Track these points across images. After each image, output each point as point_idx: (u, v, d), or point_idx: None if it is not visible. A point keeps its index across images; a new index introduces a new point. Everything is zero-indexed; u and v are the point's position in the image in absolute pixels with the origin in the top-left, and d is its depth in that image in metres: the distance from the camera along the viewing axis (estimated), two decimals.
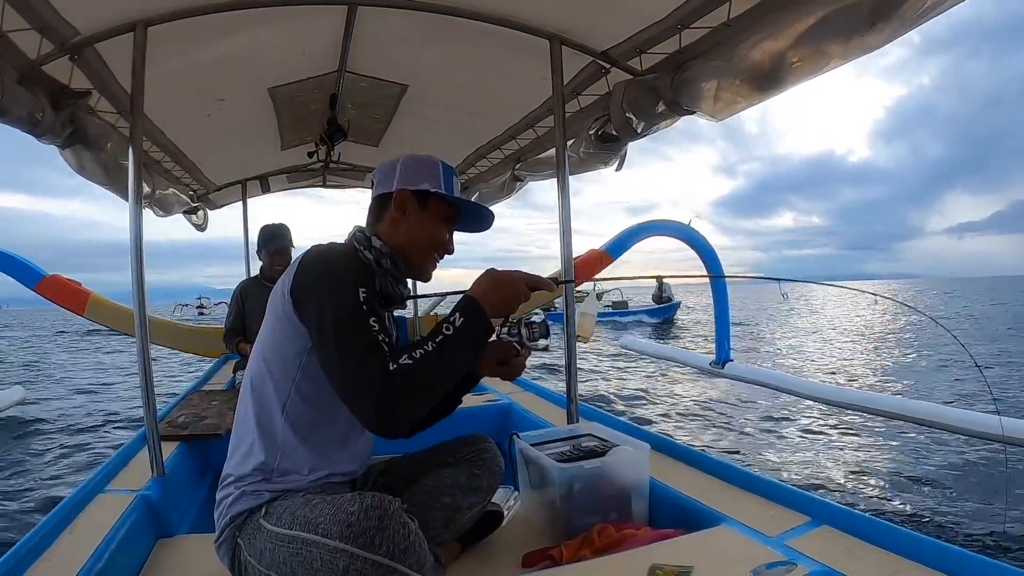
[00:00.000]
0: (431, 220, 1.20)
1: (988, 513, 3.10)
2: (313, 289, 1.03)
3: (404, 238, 1.18)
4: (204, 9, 1.73)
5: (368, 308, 0.99)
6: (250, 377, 1.13)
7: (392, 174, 1.19)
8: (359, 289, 1.00)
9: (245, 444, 1.10)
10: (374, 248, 1.16)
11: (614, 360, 9.68)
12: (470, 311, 1.02)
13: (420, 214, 1.19)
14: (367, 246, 1.16)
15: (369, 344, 0.95)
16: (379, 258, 1.16)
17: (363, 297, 0.99)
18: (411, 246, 1.19)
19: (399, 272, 1.20)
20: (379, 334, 0.97)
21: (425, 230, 1.19)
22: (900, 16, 1.27)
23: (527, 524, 1.55)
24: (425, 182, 1.18)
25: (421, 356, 0.95)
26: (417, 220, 1.18)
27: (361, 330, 0.96)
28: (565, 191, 2.05)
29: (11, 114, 1.63)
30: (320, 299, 1.01)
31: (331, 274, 1.04)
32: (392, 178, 1.19)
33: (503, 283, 1.08)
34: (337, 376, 0.97)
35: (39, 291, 4.21)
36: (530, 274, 1.11)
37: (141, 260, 1.62)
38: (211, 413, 2.27)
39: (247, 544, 1.04)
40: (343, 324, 0.97)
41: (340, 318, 0.98)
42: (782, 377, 4.80)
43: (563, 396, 2.16)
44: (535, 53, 2.02)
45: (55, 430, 5.59)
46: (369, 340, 0.95)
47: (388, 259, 1.17)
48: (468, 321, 1.01)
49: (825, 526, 1.23)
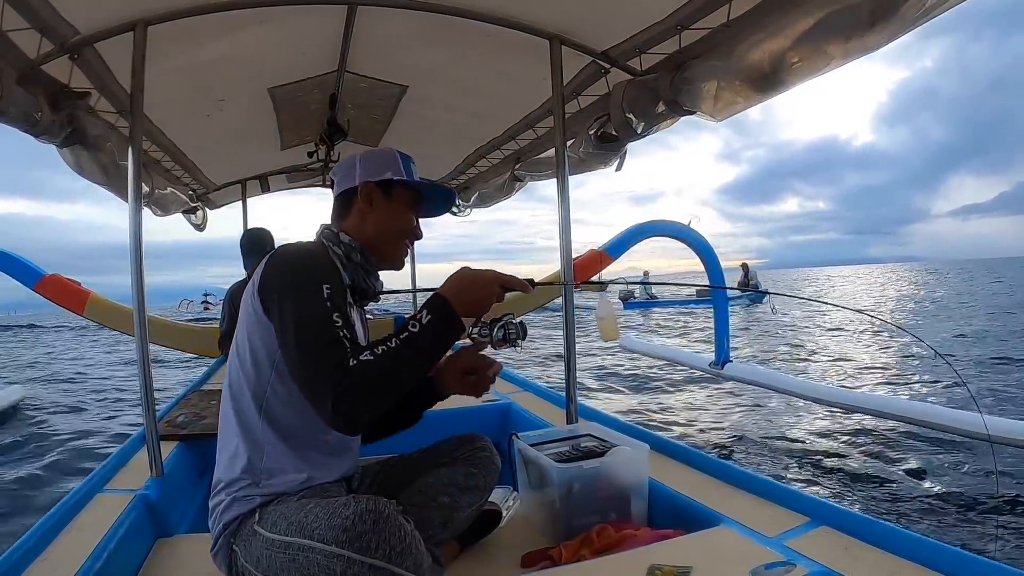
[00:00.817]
0: (398, 208, 1.22)
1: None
2: (278, 287, 1.04)
3: (374, 229, 1.20)
4: (204, 9, 1.73)
5: (332, 305, 0.99)
6: (228, 378, 1.13)
7: (353, 170, 1.21)
8: (323, 285, 1.00)
9: (230, 447, 1.10)
10: (343, 244, 1.17)
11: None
12: (438, 309, 1.01)
13: (386, 204, 1.20)
14: (335, 242, 1.17)
15: (330, 340, 0.95)
16: (349, 253, 1.17)
17: (327, 293, 0.99)
18: (382, 236, 1.21)
19: (370, 265, 1.21)
20: (341, 330, 0.96)
21: (394, 218, 1.21)
22: (900, 16, 1.27)
23: (526, 524, 1.54)
24: (387, 171, 1.20)
25: (383, 352, 0.95)
26: (384, 210, 1.20)
27: (323, 327, 0.96)
28: (565, 191, 2.05)
29: (8, 114, 1.63)
30: (284, 296, 1.02)
31: (295, 271, 1.04)
32: (353, 173, 1.21)
33: (476, 282, 1.06)
34: (299, 372, 0.98)
35: (39, 291, 4.21)
36: (505, 274, 1.10)
37: (141, 260, 1.62)
38: (210, 413, 2.27)
39: (243, 551, 1.04)
40: (305, 321, 0.98)
41: (302, 315, 0.98)
42: (782, 378, 4.79)
43: (562, 396, 2.17)
44: (535, 53, 2.02)
45: (55, 430, 5.58)
46: (331, 336, 0.95)
47: (358, 253, 1.18)
48: (436, 319, 1.00)
49: (824, 526, 1.23)
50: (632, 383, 7.18)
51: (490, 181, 3.84)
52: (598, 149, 2.43)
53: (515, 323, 1.16)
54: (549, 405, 2.51)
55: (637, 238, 4.76)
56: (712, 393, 6.52)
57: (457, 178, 4.14)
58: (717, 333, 4.98)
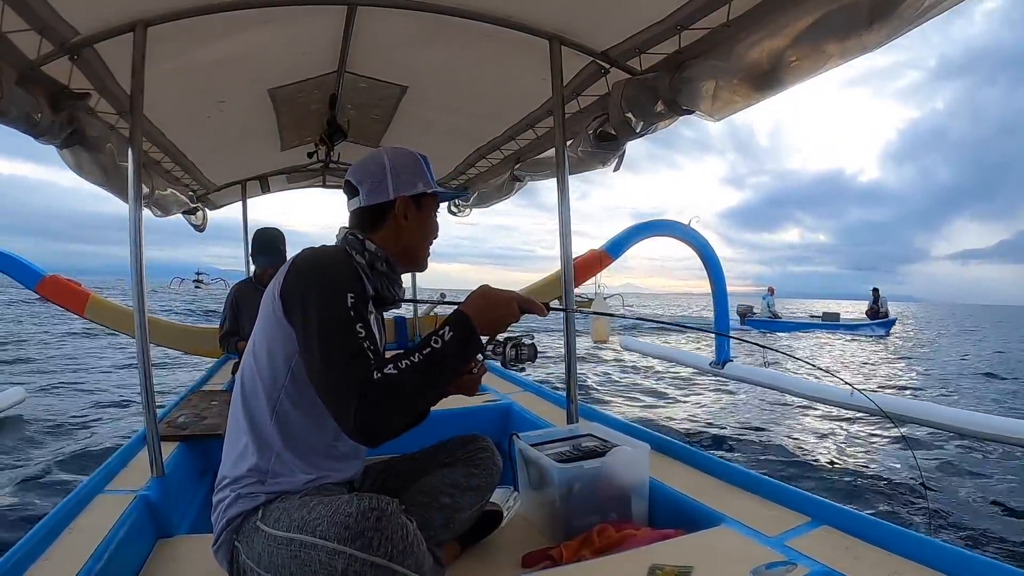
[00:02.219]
0: (427, 216, 1.23)
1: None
2: (301, 292, 1.04)
3: (409, 241, 1.20)
4: (204, 9, 1.73)
5: (355, 314, 0.99)
6: (241, 378, 1.13)
7: (384, 182, 1.18)
8: (347, 294, 1.00)
9: (239, 446, 1.10)
10: (368, 252, 1.16)
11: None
12: (460, 327, 1.02)
13: (419, 216, 1.21)
14: (360, 250, 1.16)
15: (355, 351, 0.95)
16: (374, 261, 1.16)
17: (351, 303, 1.00)
18: (416, 246, 1.22)
19: (395, 273, 1.21)
20: (365, 341, 0.97)
21: (426, 227, 1.23)
22: (899, 16, 1.27)
23: (527, 524, 1.55)
24: (419, 183, 1.20)
25: (407, 367, 0.95)
26: (417, 221, 1.21)
27: (347, 336, 0.96)
28: (565, 191, 2.05)
29: (9, 115, 1.63)
30: (307, 303, 1.01)
31: (320, 278, 1.04)
32: (385, 186, 1.18)
33: (498, 302, 1.08)
34: (321, 381, 0.98)
35: (39, 291, 4.20)
36: (523, 296, 1.11)
37: (141, 260, 1.62)
38: (211, 413, 2.27)
39: (245, 547, 1.04)
40: (329, 329, 0.98)
41: (326, 323, 0.98)
42: (782, 377, 4.79)
43: (563, 396, 2.17)
44: (535, 53, 2.02)
45: (55, 430, 5.58)
46: (355, 347, 0.96)
47: (383, 262, 1.17)
48: (457, 336, 1.00)
49: (825, 526, 1.24)
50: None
51: (490, 181, 3.84)
52: (597, 148, 2.43)
53: (527, 344, 1.18)
54: (550, 405, 2.51)
55: (638, 237, 4.75)
56: (712, 393, 6.53)
57: (457, 178, 4.14)
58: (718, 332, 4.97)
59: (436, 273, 2.77)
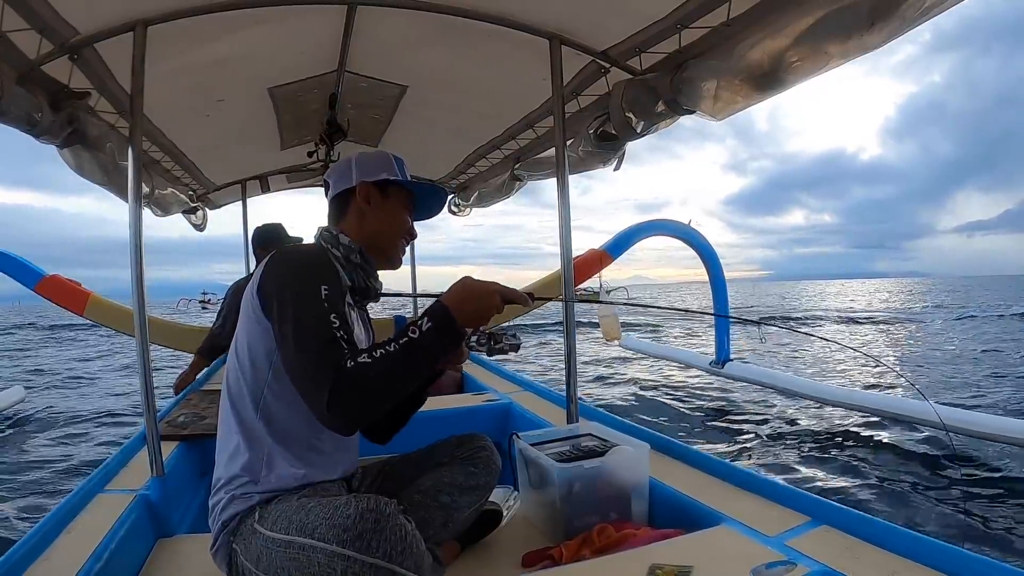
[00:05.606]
0: (394, 207, 1.25)
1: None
2: (277, 287, 1.05)
3: (372, 228, 1.23)
4: (204, 9, 1.73)
5: (329, 305, 0.99)
6: (227, 378, 1.14)
7: (348, 172, 1.24)
8: (321, 286, 1.01)
9: (231, 445, 1.10)
10: (342, 245, 1.19)
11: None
12: (439, 317, 1.00)
13: (383, 203, 1.24)
14: (335, 244, 1.19)
15: (327, 340, 0.96)
16: (348, 254, 1.18)
17: (324, 294, 1.00)
18: (380, 235, 1.24)
19: (370, 266, 1.22)
20: (339, 330, 0.97)
21: (391, 217, 1.25)
22: (900, 15, 1.27)
23: (527, 524, 1.55)
24: (383, 172, 1.24)
25: (381, 356, 0.94)
26: (382, 209, 1.24)
27: (319, 326, 0.97)
28: (565, 191, 2.05)
29: (9, 114, 1.63)
30: (283, 296, 1.03)
31: (294, 272, 1.05)
32: (349, 175, 1.23)
33: (479, 293, 1.05)
34: (295, 371, 0.99)
35: (39, 291, 4.21)
36: (506, 287, 1.09)
37: (141, 260, 1.62)
38: (210, 413, 2.27)
39: (243, 549, 1.04)
40: (302, 321, 0.98)
41: (300, 313, 0.99)
42: (782, 377, 4.80)
43: (563, 396, 2.16)
44: (535, 53, 2.02)
45: (55, 430, 5.59)
46: (327, 336, 0.96)
47: (357, 254, 1.19)
48: (436, 327, 0.99)
49: (825, 526, 1.23)
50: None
51: (490, 181, 3.84)
52: (597, 148, 2.43)
53: (510, 335, 1.20)
54: (550, 405, 2.51)
55: (638, 236, 4.75)
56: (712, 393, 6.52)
57: (457, 178, 4.14)
58: (717, 333, 4.98)
59: (442, 276, 2.80)
